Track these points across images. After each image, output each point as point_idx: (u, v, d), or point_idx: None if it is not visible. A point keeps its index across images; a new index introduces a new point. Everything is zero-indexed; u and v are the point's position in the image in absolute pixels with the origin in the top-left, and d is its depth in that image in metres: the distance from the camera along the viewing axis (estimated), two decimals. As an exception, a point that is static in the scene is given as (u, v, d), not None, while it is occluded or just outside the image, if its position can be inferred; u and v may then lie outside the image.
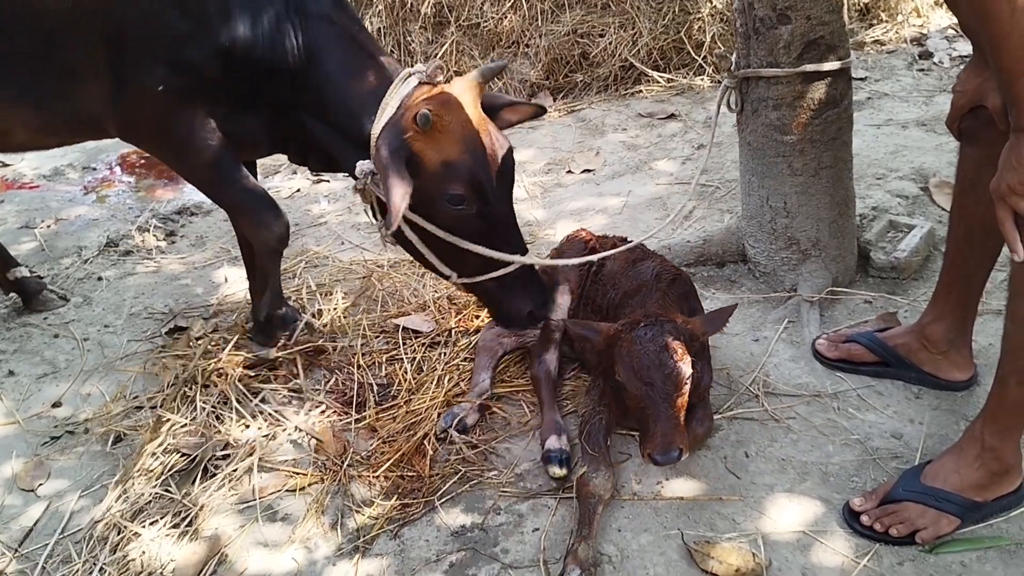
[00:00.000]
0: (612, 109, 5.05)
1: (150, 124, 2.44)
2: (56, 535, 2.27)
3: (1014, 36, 1.47)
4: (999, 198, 1.64)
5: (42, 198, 4.73)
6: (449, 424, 2.44)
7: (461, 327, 2.90)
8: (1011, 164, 1.59)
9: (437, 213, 2.21)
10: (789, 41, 2.53)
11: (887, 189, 3.44)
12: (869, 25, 5.42)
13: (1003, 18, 1.45)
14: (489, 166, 2.21)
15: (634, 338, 2.05)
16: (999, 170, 1.63)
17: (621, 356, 2.05)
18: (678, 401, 2.00)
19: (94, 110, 2.40)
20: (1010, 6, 1.44)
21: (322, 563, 2.09)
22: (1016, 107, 1.54)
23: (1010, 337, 1.81)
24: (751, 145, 2.80)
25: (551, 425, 2.34)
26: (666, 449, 1.94)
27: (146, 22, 2.25)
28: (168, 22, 2.23)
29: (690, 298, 2.47)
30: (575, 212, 3.82)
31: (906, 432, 2.27)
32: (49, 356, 3.12)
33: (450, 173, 2.16)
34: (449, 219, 2.22)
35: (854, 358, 2.48)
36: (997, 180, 1.63)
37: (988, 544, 1.91)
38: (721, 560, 1.92)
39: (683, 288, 2.44)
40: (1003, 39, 1.48)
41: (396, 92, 2.22)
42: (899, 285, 2.88)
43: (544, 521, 2.12)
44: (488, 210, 2.24)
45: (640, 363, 2.00)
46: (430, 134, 2.14)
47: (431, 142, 2.15)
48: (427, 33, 5.47)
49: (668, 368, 1.99)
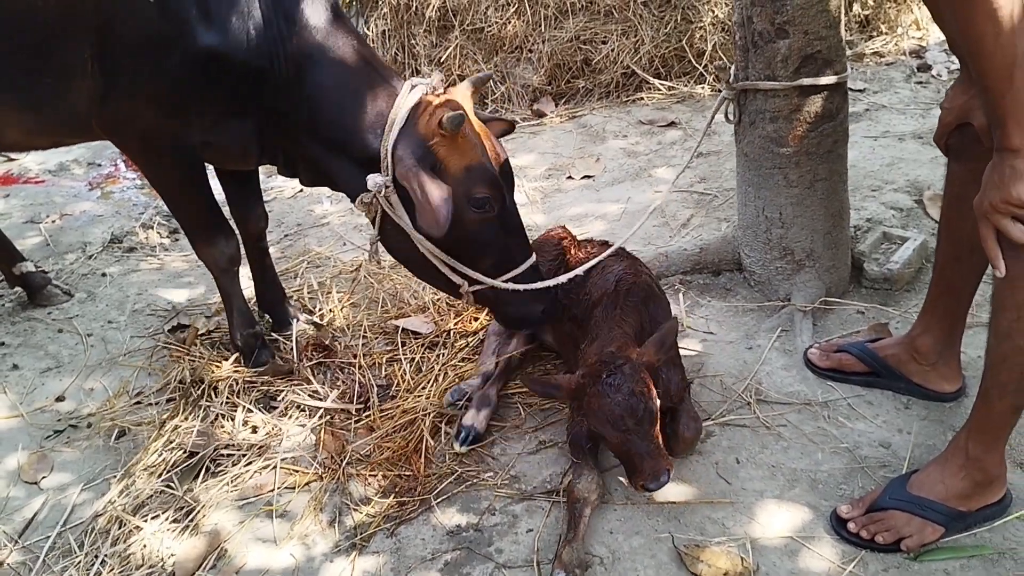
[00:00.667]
0: (613, 116, 5.10)
1: (131, 128, 2.46)
2: (58, 527, 2.31)
3: (998, 57, 1.51)
4: (981, 215, 1.69)
5: (47, 193, 4.77)
6: (455, 399, 2.53)
7: (460, 329, 2.95)
8: (994, 182, 1.63)
9: (460, 219, 2.25)
10: (787, 55, 2.57)
11: (882, 201, 3.48)
12: (869, 37, 5.47)
13: (988, 40, 1.50)
14: (500, 169, 2.27)
15: (599, 392, 2.03)
16: (982, 188, 1.68)
17: (592, 411, 2.04)
18: (654, 431, 2.02)
19: (83, 111, 2.42)
20: (995, 29, 1.47)
21: (319, 559, 2.13)
22: (1000, 127, 1.59)
23: (992, 351, 1.85)
24: (748, 156, 2.84)
25: (480, 398, 2.47)
26: (656, 477, 1.96)
27: (128, 24, 2.25)
28: (148, 25, 2.23)
29: (650, 303, 2.43)
30: (575, 218, 3.86)
31: (894, 441, 2.31)
32: (53, 351, 3.16)
33: (473, 176, 2.21)
34: (471, 223, 2.26)
35: (845, 368, 2.53)
36: (980, 198, 1.68)
37: (971, 553, 1.95)
38: (710, 564, 1.96)
39: (640, 295, 2.42)
40: (987, 60, 1.53)
41: (404, 104, 2.24)
42: (891, 296, 2.92)
43: (538, 522, 2.16)
44: (504, 212, 2.29)
45: (612, 415, 1.99)
46: (453, 140, 2.18)
47: (454, 148, 2.19)
48: (431, 37, 5.51)
49: (639, 411, 1.99)
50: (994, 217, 1.66)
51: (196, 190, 2.60)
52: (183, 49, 2.24)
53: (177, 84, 2.31)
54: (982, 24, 1.48)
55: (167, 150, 2.47)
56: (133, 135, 2.48)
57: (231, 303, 2.84)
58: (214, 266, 2.74)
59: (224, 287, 2.82)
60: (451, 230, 2.25)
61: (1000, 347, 1.82)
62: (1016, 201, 1.61)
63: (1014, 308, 1.75)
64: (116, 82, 2.32)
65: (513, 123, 2.57)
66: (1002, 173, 1.62)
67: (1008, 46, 1.49)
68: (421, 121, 2.21)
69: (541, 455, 2.39)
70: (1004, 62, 1.51)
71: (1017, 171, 1.59)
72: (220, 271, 2.76)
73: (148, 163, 2.60)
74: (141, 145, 2.51)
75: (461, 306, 3.08)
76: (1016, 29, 1.48)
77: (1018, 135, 1.57)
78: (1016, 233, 1.64)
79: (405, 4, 5.49)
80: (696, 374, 2.62)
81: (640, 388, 2.01)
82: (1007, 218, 1.65)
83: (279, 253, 3.80)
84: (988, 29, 1.48)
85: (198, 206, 2.64)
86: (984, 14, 1.47)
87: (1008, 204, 1.62)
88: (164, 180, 2.61)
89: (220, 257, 2.70)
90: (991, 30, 1.48)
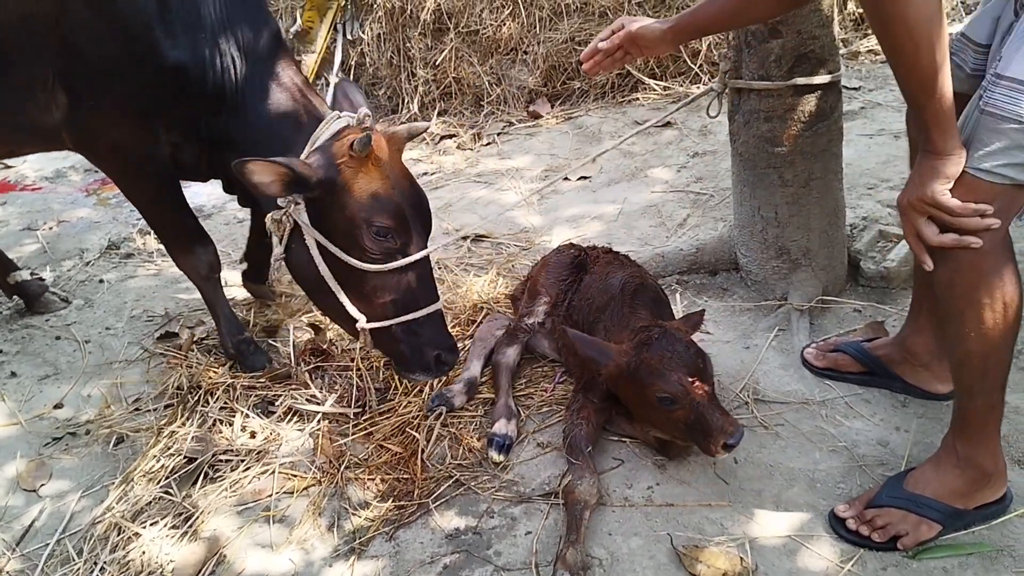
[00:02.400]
0: (609, 116, 5.10)
1: (100, 141, 2.50)
2: (57, 535, 2.31)
3: (917, 71, 1.58)
4: (902, 212, 1.76)
5: (44, 200, 4.78)
6: (436, 404, 2.55)
7: (456, 334, 2.94)
8: (915, 181, 1.71)
9: (360, 244, 2.23)
10: (780, 55, 2.57)
11: (878, 199, 3.49)
12: (864, 35, 5.47)
13: (907, 54, 1.57)
14: (412, 208, 2.28)
15: (659, 351, 2.07)
16: (906, 184, 1.75)
17: (656, 371, 2.06)
18: (714, 389, 2.10)
19: (50, 125, 2.46)
20: (913, 45, 1.54)
21: (319, 564, 2.13)
22: (924, 131, 1.67)
23: (950, 357, 1.92)
24: (743, 156, 2.85)
25: (502, 410, 2.46)
26: (735, 429, 2.02)
27: (93, 43, 2.30)
28: (114, 45, 2.29)
29: (658, 305, 2.49)
30: (571, 219, 3.87)
31: (892, 440, 2.31)
32: (51, 358, 3.16)
33: (378, 205, 2.21)
34: (372, 252, 2.24)
35: (840, 367, 2.53)
36: (902, 194, 1.76)
37: (969, 550, 1.95)
38: (709, 564, 1.96)
39: (649, 295, 2.47)
40: (908, 72, 1.61)
41: (328, 128, 2.29)
42: (888, 294, 2.93)
43: (536, 524, 2.16)
44: (408, 251, 2.27)
45: (683, 362, 2.05)
46: (362, 163, 2.20)
47: (363, 172, 2.21)
48: (426, 39, 5.52)
49: (705, 359, 2.09)
50: (911, 214, 1.73)
51: (170, 200, 2.64)
52: (150, 71, 2.31)
53: (142, 104, 2.38)
54: (901, 41, 1.55)
55: (138, 162, 2.51)
56: (104, 149, 2.53)
57: (217, 310, 2.86)
58: (195, 274, 2.78)
59: (207, 295, 2.85)
60: (350, 255, 2.24)
61: (955, 352, 1.86)
62: (930, 199, 1.68)
63: (957, 314, 1.79)
64: (81, 98, 2.37)
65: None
66: (922, 172, 1.69)
67: (927, 60, 1.55)
68: (336, 143, 2.25)
69: (539, 458, 2.39)
70: (924, 75, 1.58)
71: (935, 170, 1.67)
72: (201, 279, 2.79)
73: (120, 176, 2.64)
74: (112, 158, 2.56)
75: (458, 310, 3.08)
76: (934, 44, 1.53)
77: (940, 140, 1.65)
78: (927, 233, 1.72)
79: (400, 7, 5.50)
80: (694, 374, 2.62)
81: (690, 342, 2.10)
82: (923, 217, 1.72)
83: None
84: (907, 45, 1.55)
85: (173, 216, 2.69)
86: (904, 32, 1.53)
87: (923, 202, 1.70)
88: (137, 192, 2.65)
89: (200, 265, 2.74)
90: (910, 46, 1.55)
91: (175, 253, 2.76)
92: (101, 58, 2.32)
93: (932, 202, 1.68)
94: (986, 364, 1.82)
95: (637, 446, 2.38)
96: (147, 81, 2.34)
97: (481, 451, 2.42)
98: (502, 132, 5.16)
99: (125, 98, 2.37)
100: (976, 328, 1.76)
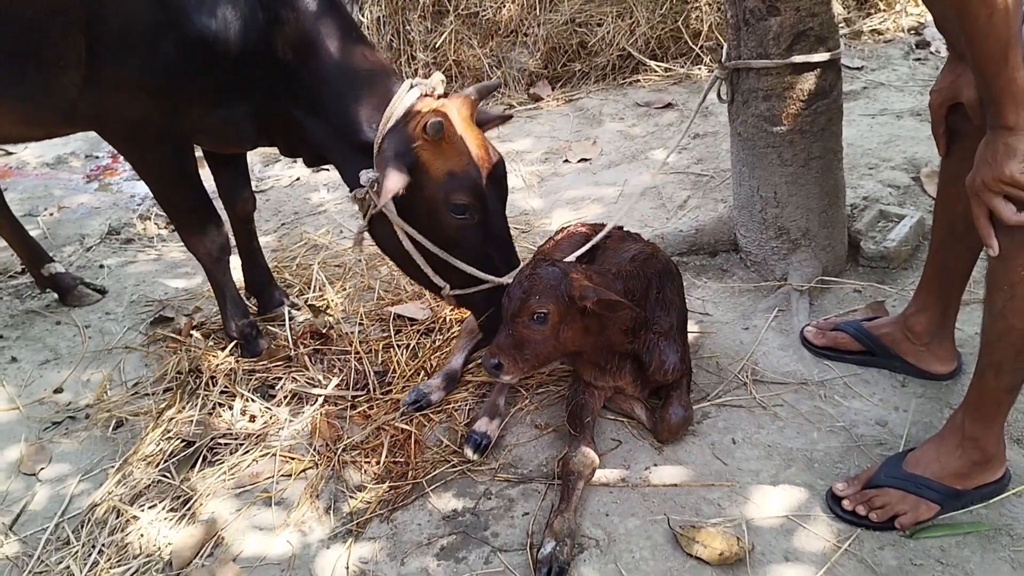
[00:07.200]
0: (610, 98, 5.07)
1: (119, 118, 2.44)
2: (56, 518, 2.32)
3: (991, 38, 1.50)
4: (973, 194, 1.67)
5: (45, 186, 4.78)
6: (412, 400, 2.53)
7: (456, 314, 2.94)
8: (986, 160, 1.61)
9: (440, 223, 2.28)
10: (779, 32, 2.55)
11: (879, 179, 3.46)
12: (867, 15, 5.41)
13: (980, 20, 1.49)
14: (488, 178, 2.29)
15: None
16: (975, 165, 1.66)
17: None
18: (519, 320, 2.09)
19: (74, 102, 2.39)
20: (987, 9, 1.47)
21: (316, 546, 2.13)
22: (993, 104, 1.57)
23: (987, 330, 1.84)
24: (742, 136, 2.82)
25: (489, 407, 2.43)
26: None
27: (121, 11, 2.22)
28: (143, 11, 2.22)
29: (664, 277, 2.38)
30: (571, 201, 3.85)
31: (891, 419, 2.30)
32: (51, 343, 3.17)
33: (455, 183, 2.24)
34: (451, 229, 2.29)
35: (840, 346, 2.52)
36: (972, 175, 1.66)
37: (967, 530, 1.94)
38: (706, 544, 1.96)
39: (657, 267, 2.38)
40: (981, 40, 1.52)
41: (400, 102, 2.28)
42: (888, 274, 2.91)
43: (534, 505, 2.16)
44: (487, 221, 2.31)
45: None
46: (437, 145, 2.21)
47: (438, 152, 2.23)
48: (426, 22, 5.48)
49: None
50: (985, 195, 1.64)
51: (186, 180, 2.59)
52: (178, 38, 2.23)
53: (169, 72, 2.30)
54: (976, 6, 1.48)
55: (155, 140, 2.46)
56: (121, 125, 2.45)
57: (224, 293, 2.83)
58: (206, 256, 2.73)
59: (216, 277, 2.81)
60: (432, 233, 2.30)
61: (995, 326, 1.81)
62: (1008, 179, 1.59)
63: (1008, 287, 1.73)
64: (104, 72, 2.30)
65: (508, 116, 2.61)
66: (995, 151, 1.60)
67: (1001, 27, 1.48)
68: (412, 123, 2.25)
69: (537, 439, 2.39)
70: (998, 43, 1.50)
71: (1010, 148, 1.57)
72: (212, 261, 2.75)
73: (136, 153, 2.57)
74: (129, 135, 2.49)
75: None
76: (1009, 9, 1.47)
77: (1012, 113, 1.56)
78: (1006, 213, 1.62)
79: (399, -11, 5.46)
80: (693, 355, 2.60)
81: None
82: (998, 197, 1.63)
83: (276, 242, 3.80)
84: (982, 11, 1.48)
85: (188, 196, 2.63)
86: None
87: (999, 182, 1.60)
88: (152, 170, 2.59)
89: (212, 246, 2.70)
90: (984, 10, 1.48)
91: (187, 234, 2.71)
92: (131, 29, 2.24)
93: (1011, 182, 1.58)
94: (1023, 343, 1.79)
95: (635, 427, 2.37)
96: (177, 50, 2.25)
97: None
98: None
99: (147, 72, 2.30)
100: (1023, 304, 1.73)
